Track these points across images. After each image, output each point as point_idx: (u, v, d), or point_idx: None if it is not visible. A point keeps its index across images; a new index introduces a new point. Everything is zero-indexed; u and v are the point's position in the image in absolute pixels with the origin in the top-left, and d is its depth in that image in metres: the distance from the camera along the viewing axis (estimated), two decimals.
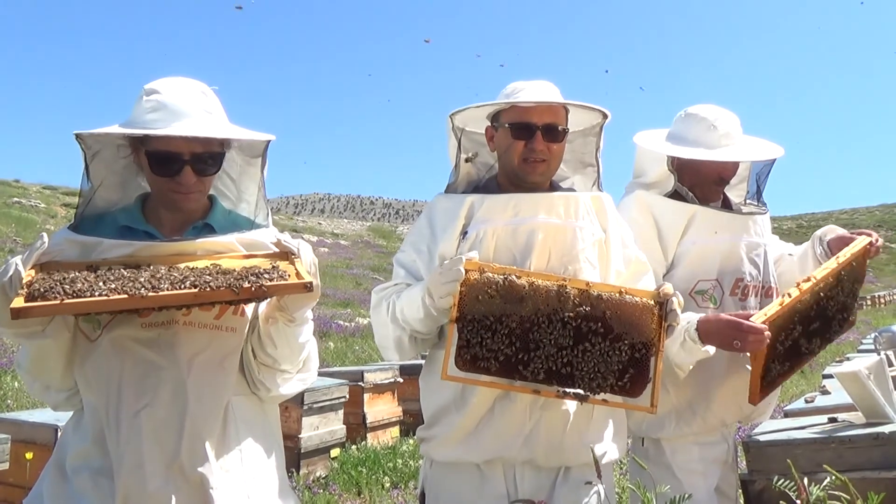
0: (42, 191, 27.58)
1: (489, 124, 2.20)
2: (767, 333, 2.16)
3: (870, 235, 2.51)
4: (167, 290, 1.55)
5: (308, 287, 1.65)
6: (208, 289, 1.57)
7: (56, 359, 1.74)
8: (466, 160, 2.25)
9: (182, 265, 1.68)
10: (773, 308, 2.25)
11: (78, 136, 1.76)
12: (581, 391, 1.93)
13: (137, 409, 1.69)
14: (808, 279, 2.33)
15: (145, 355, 1.72)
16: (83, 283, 1.54)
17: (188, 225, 1.86)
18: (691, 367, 2.30)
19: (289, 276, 1.66)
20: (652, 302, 1.98)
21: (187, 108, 1.76)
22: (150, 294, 1.53)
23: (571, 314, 1.92)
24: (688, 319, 2.22)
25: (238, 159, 1.96)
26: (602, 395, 1.94)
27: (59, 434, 4.03)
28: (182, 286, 1.57)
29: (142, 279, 1.57)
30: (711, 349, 2.24)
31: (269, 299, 1.78)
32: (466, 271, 1.90)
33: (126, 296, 1.52)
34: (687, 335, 2.21)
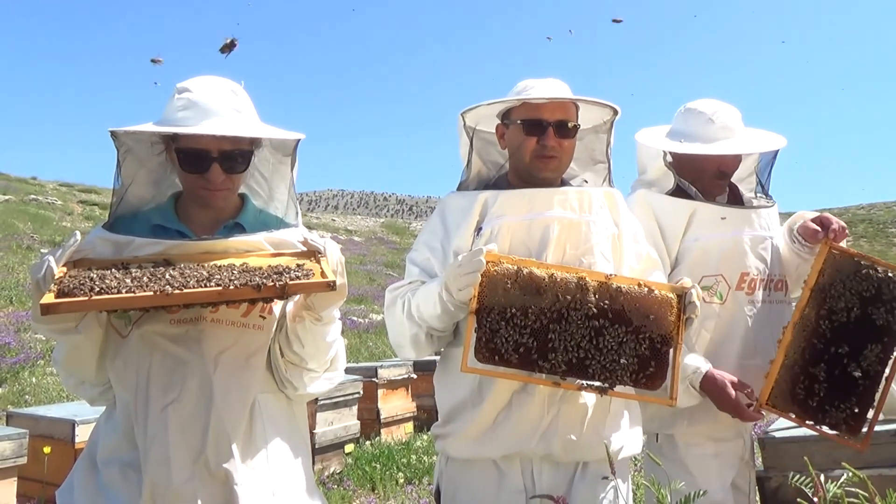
0: (58, 188, 27.83)
1: (500, 122, 2.20)
2: (761, 414, 2.29)
3: (826, 227, 2.37)
4: (193, 287, 1.58)
5: (331, 286, 1.65)
6: (232, 287, 1.59)
7: (89, 354, 1.78)
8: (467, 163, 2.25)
9: (209, 263, 1.70)
10: (766, 384, 2.27)
11: (112, 134, 1.80)
12: (601, 384, 1.92)
13: (165, 404, 1.71)
14: (784, 329, 2.28)
15: (173, 351, 1.74)
16: (112, 280, 1.57)
17: (219, 224, 1.89)
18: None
19: (313, 274, 1.67)
20: (671, 295, 1.97)
21: (217, 106, 1.79)
22: (175, 291, 1.56)
23: (591, 306, 1.91)
24: (696, 367, 2.31)
25: (270, 158, 1.98)
26: (622, 388, 1.94)
27: (76, 427, 4.08)
28: (207, 284, 1.59)
29: (168, 277, 1.60)
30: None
31: (296, 298, 1.80)
32: (486, 262, 1.90)
33: (151, 293, 1.55)
34: (690, 382, 2.30)
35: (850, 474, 1.41)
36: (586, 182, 2.28)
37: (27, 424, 4.13)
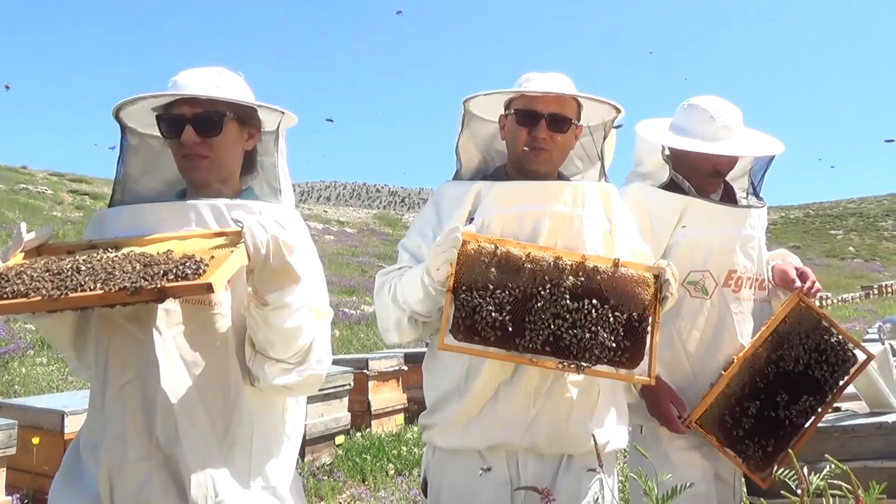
0: (49, 177, 27.68)
1: (503, 112, 2.21)
2: (688, 429, 2.36)
3: (804, 281, 2.48)
4: (88, 289, 1.51)
5: (207, 288, 1.49)
6: (113, 290, 1.50)
7: (61, 335, 1.78)
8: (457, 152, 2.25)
9: (140, 249, 1.66)
10: (701, 405, 2.36)
11: (116, 117, 1.85)
12: (578, 362, 1.92)
13: (123, 383, 1.69)
14: (732, 361, 2.39)
15: (129, 329, 1.71)
16: (18, 284, 1.54)
17: None
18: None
19: (205, 270, 1.55)
20: (647, 274, 1.98)
21: (195, 81, 1.82)
22: (61, 297, 1.50)
23: (568, 285, 1.92)
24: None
25: (265, 142, 1.99)
26: (600, 367, 1.93)
27: (66, 418, 4.08)
28: (93, 287, 1.52)
29: (74, 275, 1.55)
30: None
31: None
32: (463, 241, 1.90)
33: (39, 298, 1.51)
34: (632, 384, 2.30)
35: (833, 466, 1.43)
36: (582, 177, 2.28)
37: (16, 415, 4.11)
